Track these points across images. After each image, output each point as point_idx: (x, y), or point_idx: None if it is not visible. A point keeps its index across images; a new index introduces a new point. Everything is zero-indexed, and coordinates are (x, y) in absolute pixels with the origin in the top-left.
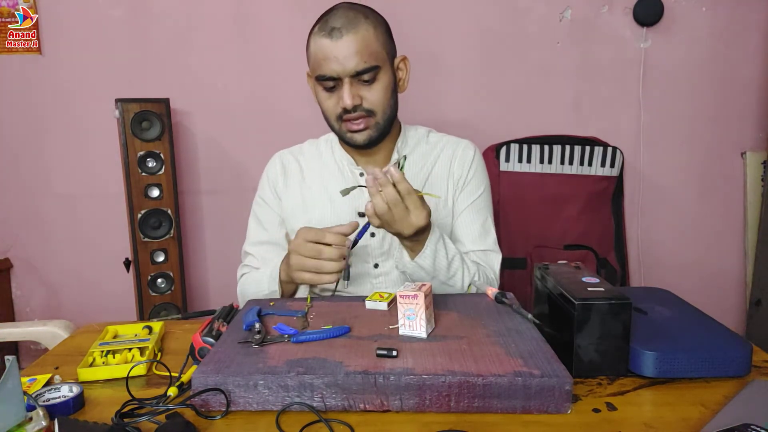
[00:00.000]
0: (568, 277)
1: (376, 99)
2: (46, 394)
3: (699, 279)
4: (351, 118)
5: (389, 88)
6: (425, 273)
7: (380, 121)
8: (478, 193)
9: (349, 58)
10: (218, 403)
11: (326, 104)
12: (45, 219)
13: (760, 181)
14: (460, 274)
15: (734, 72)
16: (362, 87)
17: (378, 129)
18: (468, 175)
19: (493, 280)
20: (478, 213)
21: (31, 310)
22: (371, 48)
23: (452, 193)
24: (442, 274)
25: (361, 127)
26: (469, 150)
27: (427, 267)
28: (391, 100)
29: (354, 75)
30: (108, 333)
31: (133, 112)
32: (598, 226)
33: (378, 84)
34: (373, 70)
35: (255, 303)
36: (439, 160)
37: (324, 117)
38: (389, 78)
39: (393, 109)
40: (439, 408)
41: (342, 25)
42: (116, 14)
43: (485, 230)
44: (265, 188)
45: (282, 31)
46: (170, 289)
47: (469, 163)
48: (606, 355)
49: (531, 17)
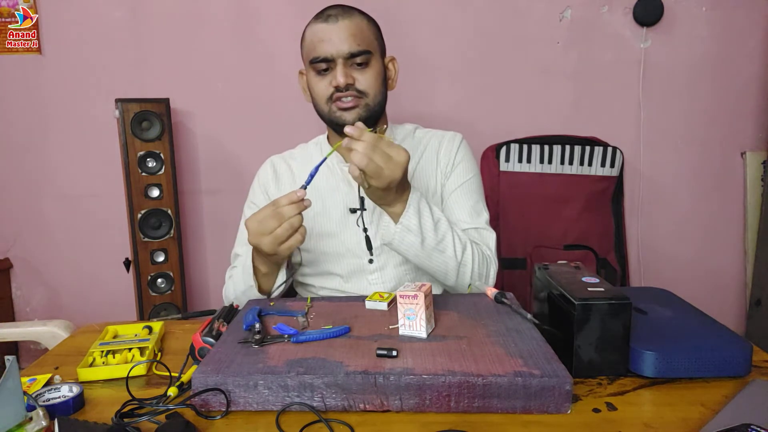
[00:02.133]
0: (568, 277)
1: (368, 82)
2: (46, 394)
3: (699, 279)
4: (342, 96)
5: (380, 76)
6: (413, 236)
7: (370, 103)
8: (467, 177)
9: (344, 40)
10: (218, 403)
11: (318, 87)
12: (45, 219)
13: (760, 181)
14: (450, 238)
15: (734, 72)
16: (355, 70)
17: (368, 110)
18: (455, 161)
19: (490, 257)
20: (469, 194)
21: (31, 310)
22: (364, 34)
23: (440, 180)
24: (430, 236)
25: (351, 104)
26: (455, 139)
27: (413, 227)
28: (382, 88)
29: (347, 57)
30: (108, 333)
31: (133, 112)
32: (598, 226)
33: (370, 69)
34: (366, 53)
35: (255, 303)
36: (426, 152)
37: (314, 104)
38: (380, 67)
39: (383, 97)
40: (439, 408)
41: (337, 12)
42: (116, 14)
43: (476, 211)
44: (256, 191)
45: (282, 31)
46: (170, 289)
47: (455, 150)
48: (606, 355)
49: (531, 17)
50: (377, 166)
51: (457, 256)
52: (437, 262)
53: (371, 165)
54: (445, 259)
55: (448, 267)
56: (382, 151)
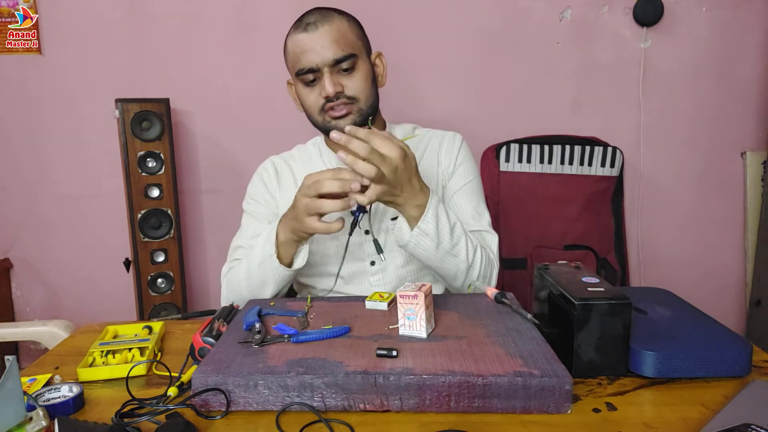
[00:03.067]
0: (568, 277)
1: (357, 87)
2: (46, 394)
3: (699, 279)
4: (333, 106)
5: (368, 77)
6: (429, 240)
7: (363, 107)
8: (468, 179)
9: (327, 47)
10: (218, 403)
11: (308, 99)
12: (45, 219)
13: (760, 181)
14: (463, 242)
15: (734, 72)
16: (342, 76)
17: (361, 114)
18: (456, 162)
19: (493, 260)
20: (470, 196)
21: (31, 310)
22: (347, 37)
23: (442, 182)
24: (446, 240)
25: (343, 113)
26: (455, 140)
27: (431, 232)
28: (373, 89)
29: (333, 64)
30: (108, 333)
31: (133, 112)
32: (598, 226)
33: (357, 73)
34: (351, 57)
35: (255, 303)
36: (426, 152)
37: (307, 115)
38: (368, 68)
39: (375, 98)
40: (439, 408)
41: (316, 19)
42: (116, 14)
43: (479, 213)
44: (258, 187)
45: (282, 31)
46: (170, 289)
47: (456, 151)
48: (606, 355)
49: (531, 17)
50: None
51: (468, 259)
52: (449, 266)
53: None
54: (457, 262)
55: (458, 270)
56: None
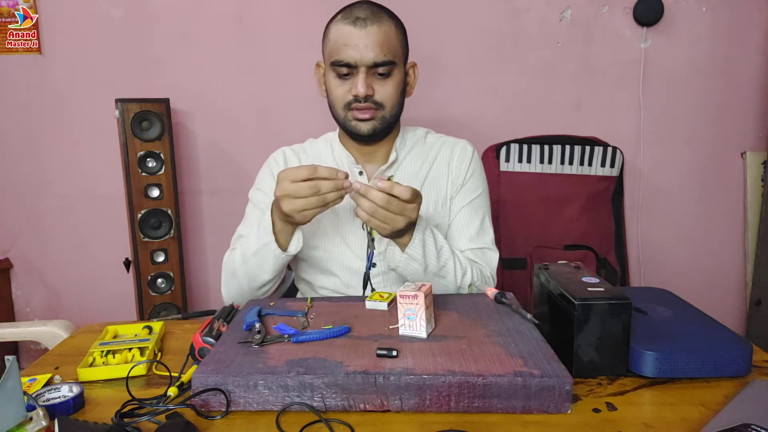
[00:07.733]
0: (568, 277)
1: (388, 94)
2: (46, 394)
3: (699, 279)
4: (360, 107)
5: (400, 87)
6: (417, 264)
7: (387, 115)
8: (476, 193)
9: (370, 48)
10: (218, 403)
11: (337, 91)
12: (45, 219)
13: (760, 181)
14: (451, 264)
15: (734, 72)
16: (376, 80)
17: (384, 122)
18: (467, 174)
19: (489, 277)
20: (476, 212)
21: (31, 310)
22: (391, 43)
23: (450, 192)
24: (433, 263)
25: (367, 116)
26: (467, 149)
27: (418, 257)
28: (400, 99)
29: (371, 66)
30: (108, 333)
31: (133, 112)
32: (598, 226)
33: (391, 80)
34: (389, 64)
35: (255, 303)
36: (437, 160)
37: (330, 105)
38: (401, 77)
39: (399, 108)
40: (439, 408)
41: (367, 16)
42: (116, 14)
43: (483, 229)
44: (267, 177)
45: (282, 31)
46: (170, 289)
47: (468, 162)
48: (606, 355)
49: (531, 17)
50: (379, 225)
51: (457, 280)
52: (438, 286)
53: (373, 221)
54: (446, 283)
55: (447, 290)
56: (384, 213)
